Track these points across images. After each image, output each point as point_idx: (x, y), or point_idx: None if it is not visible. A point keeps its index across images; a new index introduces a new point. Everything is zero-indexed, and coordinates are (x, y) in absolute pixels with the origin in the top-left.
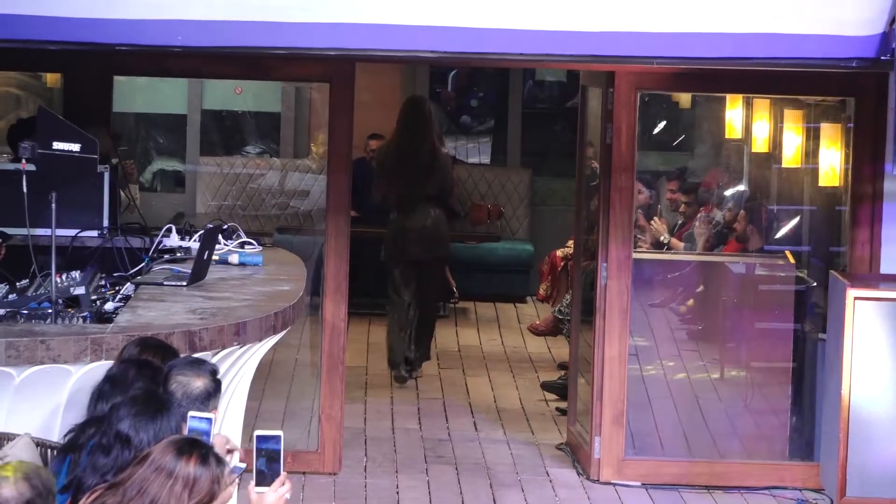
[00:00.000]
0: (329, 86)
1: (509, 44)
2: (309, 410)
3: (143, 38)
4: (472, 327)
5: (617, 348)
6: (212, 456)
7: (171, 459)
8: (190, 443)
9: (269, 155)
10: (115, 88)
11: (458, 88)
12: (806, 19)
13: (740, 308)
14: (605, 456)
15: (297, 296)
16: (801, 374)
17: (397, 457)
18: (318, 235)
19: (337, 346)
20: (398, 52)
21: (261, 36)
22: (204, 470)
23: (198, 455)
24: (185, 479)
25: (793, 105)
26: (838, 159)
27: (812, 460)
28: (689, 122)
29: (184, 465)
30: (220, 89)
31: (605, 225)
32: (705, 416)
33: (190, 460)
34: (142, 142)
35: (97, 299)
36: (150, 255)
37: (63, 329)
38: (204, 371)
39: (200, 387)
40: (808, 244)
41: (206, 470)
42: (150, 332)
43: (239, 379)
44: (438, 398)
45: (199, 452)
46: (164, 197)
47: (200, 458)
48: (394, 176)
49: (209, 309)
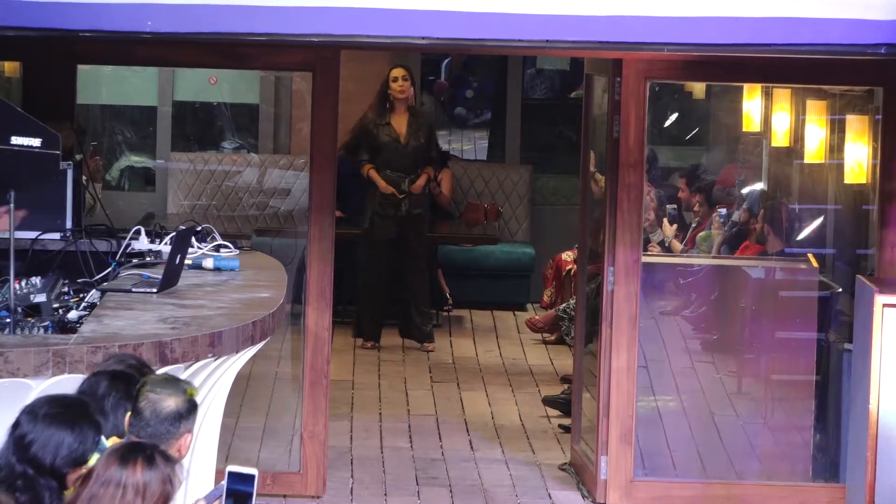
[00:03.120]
0: (312, 75)
1: (508, 29)
2: (290, 428)
3: (109, 23)
4: (468, 337)
5: (625, 359)
6: (157, 456)
7: (115, 470)
8: (131, 448)
9: (247, 150)
10: (80, 78)
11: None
12: (830, 2)
13: (759, 316)
14: (613, 477)
15: (277, 303)
16: (825, 387)
17: (386, 478)
18: (299, 238)
19: (320, 357)
20: (387, 38)
21: (238, 21)
22: (152, 473)
23: (143, 459)
24: (135, 486)
25: (816, 95)
26: (865, 154)
27: (837, 482)
28: (703, 115)
29: (130, 473)
30: (192, 79)
31: (611, 226)
32: (721, 434)
33: (136, 466)
34: (108, 136)
35: (59, 307)
36: (117, 259)
37: (22, 340)
38: (178, 390)
39: (171, 406)
40: (832, 246)
41: (155, 472)
42: (118, 342)
43: (214, 394)
44: (431, 414)
45: (144, 455)
46: (132, 196)
47: (146, 461)
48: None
49: (182, 318)
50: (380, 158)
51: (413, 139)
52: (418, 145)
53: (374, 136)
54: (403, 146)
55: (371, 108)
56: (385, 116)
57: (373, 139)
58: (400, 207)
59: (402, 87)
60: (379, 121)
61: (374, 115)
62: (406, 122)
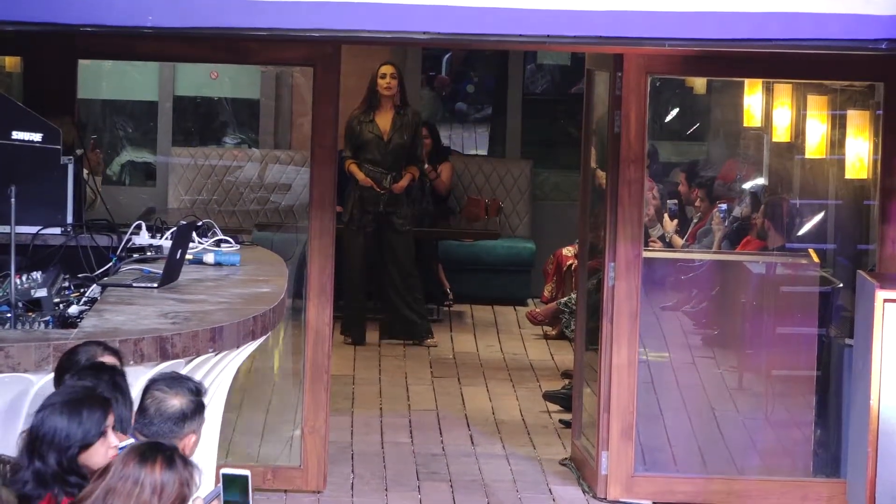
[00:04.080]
0: (313, 70)
1: (508, 24)
2: (291, 423)
3: (110, 17)
4: (469, 332)
5: (626, 355)
6: (177, 458)
7: (134, 467)
8: (152, 447)
9: (248, 145)
10: (80, 73)
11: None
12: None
13: (760, 311)
14: (613, 472)
15: (277, 298)
16: (826, 383)
17: (387, 473)
18: (300, 233)
19: (321, 352)
20: (387, 32)
21: (239, 16)
22: (171, 474)
23: (162, 459)
24: (153, 485)
25: (816, 90)
26: (866, 149)
27: (838, 477)
28: (704, 110)
29: (149, 471)
30: (194, 74)
31: (612, 221)
32: (722, 429)
33: (155, 466)
34: (109, 131)
35: (60, 302)
36: (117, 254)
37: (23, 335)
38: (184, 389)
39: (176, 406)
40: (833, 242)
41: (173, 474)
42: (118, 337)
43: (215, 389)
44: (432, 409)
45: (164, 456)
46: (133, 191)
47: (165, 461)
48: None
49: (182, 313)
50: (362, 155)
51: (397, 136)
52: (401, 143)
53: (358, 133)
54: (386, 143)
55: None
56: (370, 113)
57: (356, 136)
58: (378, 203)
59: (389, 84)
60: (363, 118)
61: (360, 111)
62: (391, 119)
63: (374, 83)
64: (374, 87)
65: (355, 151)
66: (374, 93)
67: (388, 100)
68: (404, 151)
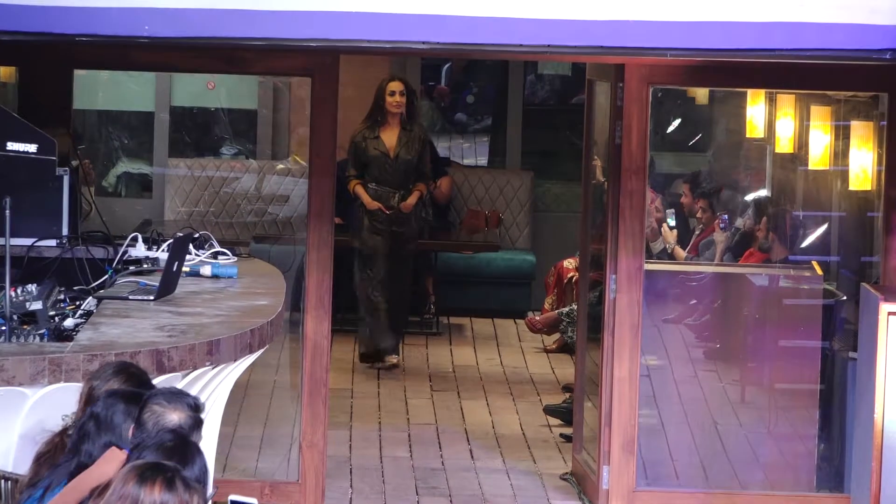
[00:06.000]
0: (311, 80)
1: (508, 34)
2: (289, 437)
3: (106, 28)
4: (469, 345)
5: (627, 368)
6: (178, 480)
7: (133, 487)
8: (153, 467)
9: (245, 156)
10: (76, 83)
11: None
12: (834, 7)
13: (763, 324)
14: (615, 487)
15: (275, 311)
16: (829, 396)
17: (385, 488)
18: (298, 245)
19: (319, 366)
20: (386, 43)
21: (236, 26)
22: (170, 496)
23: (162, 480)
24: None
25: (820, 101)
26: (870, 160)
27: (842, 492)
28: (707, 120)
29: (148, 492)
30: (190, 84)
31: (613, 233)
32: (724, 444)
33: (154, 486)
34: (105, 142)
35: (55, 315)
36: (113, 266)
37: (18, 348)
38: (183, 404)
39: (175, 421)
40: (836, 254)
41: (173, 496)
42: (114, 350)
43: (212, 403)
44: (431, 423)
45: (164, 477)
46: (129, 202)
47: (166, 483)
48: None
49: (179, 326)
50: (369, 173)
51: (403, 153)
52: (408, 160)
53: (363, 150)
54: (392, 160)
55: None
56: (375, 130)
57: (361, 153)
58: (389, 223)
59: (398, 102)
60: (368, 134)
61: (365, 128)
62: (397, 136)
63: (381, 99)
64: (382, 104)
65: (360, 169)
66: (380, 109)
67: (395, 117)
68: (411, 169)
